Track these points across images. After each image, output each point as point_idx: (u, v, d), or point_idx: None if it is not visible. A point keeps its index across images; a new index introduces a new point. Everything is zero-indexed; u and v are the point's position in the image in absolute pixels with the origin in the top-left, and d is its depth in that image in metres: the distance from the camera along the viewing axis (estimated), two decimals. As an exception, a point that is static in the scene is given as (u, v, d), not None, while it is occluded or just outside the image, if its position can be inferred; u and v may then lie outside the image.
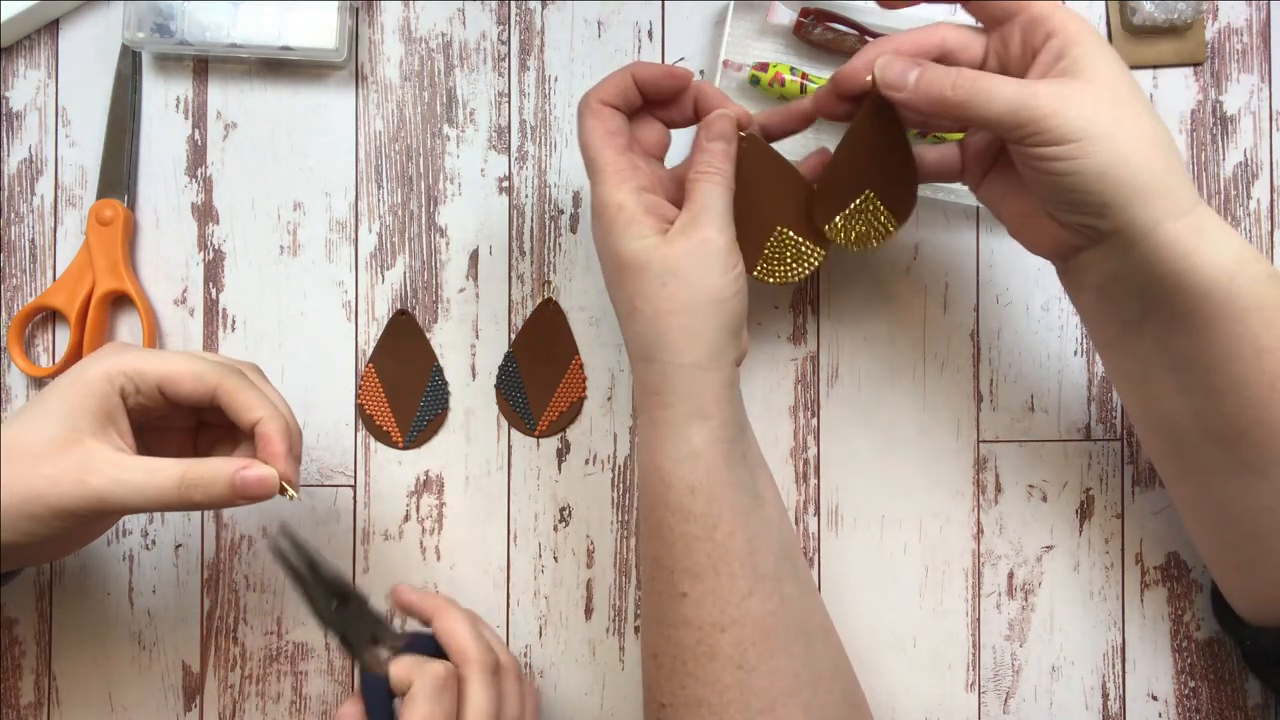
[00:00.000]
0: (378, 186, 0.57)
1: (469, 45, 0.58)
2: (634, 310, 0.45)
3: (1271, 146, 0.59)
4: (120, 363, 0.43)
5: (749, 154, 0.48)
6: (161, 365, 0.44)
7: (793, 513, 0.58)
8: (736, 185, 0.47)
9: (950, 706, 0.57)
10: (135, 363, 0.43)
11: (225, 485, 0.42)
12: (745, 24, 0.57)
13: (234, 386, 0.44)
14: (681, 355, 0.44)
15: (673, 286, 0.44)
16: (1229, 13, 0.59)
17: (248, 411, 0.44)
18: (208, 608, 0.56)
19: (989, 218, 0.59)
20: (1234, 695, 0.58)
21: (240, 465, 0.43)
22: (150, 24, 0.55)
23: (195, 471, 0.42)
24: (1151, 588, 0.58)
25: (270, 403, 0.45)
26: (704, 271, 0.44)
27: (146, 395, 0.44)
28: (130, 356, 0.44)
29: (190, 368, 0.44)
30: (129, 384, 0.43)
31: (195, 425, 0.49)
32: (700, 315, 0.44)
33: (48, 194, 0.57)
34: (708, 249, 0.44)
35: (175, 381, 0.44)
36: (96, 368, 0.43)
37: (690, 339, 0.44)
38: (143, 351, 0.45)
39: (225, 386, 0.44)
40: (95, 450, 0.42)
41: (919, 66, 0.43)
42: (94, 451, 0.42)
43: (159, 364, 0.44)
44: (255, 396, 0.45)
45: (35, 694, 0.56)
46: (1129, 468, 0.58)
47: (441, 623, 0.47)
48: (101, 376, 0.43)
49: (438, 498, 0.57)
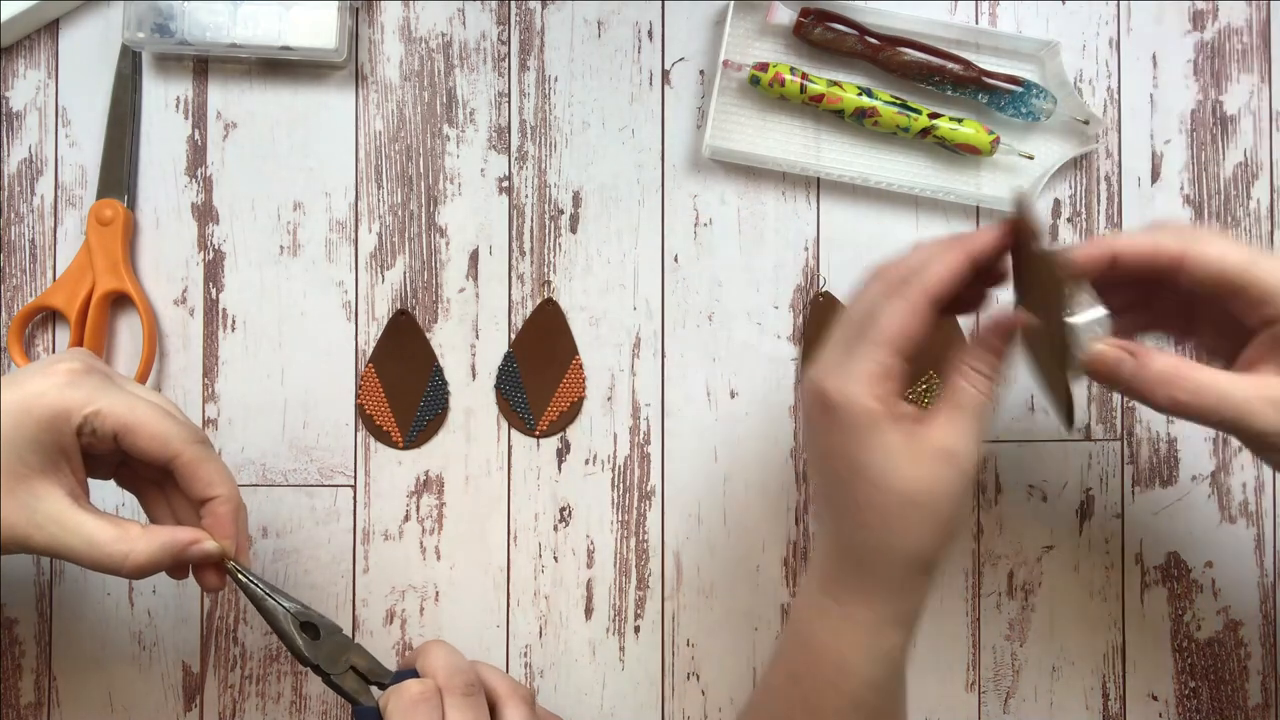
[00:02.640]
0: (378, 186, 0.57)
1: (469, 45, 0.58)
2: (862, 523, 0.41)
3: (1271, 146, 0.59)
4: (82, 400, 0.41)
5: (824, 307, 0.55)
6: (126, 414, 0.41)
7: (793, 513, 0.58)
8: None
9: (950, 706, 0.57)
10: (98, 404, 0.41)
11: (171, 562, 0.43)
12: (745, 24, 0.57)
13: (196, 458, 0.42)
14: (905, 571, 0.41)
15: (914, 513, 0.40)
16: (1229, 13, 0.59)
17: (207, 487, 0.43)
18: (208, 608, 0.56)
19: (989, 216, 0.59)
20: (1234, 695, 0.58)
21: (189, 541, 0.43)
22: (150, 24, 0.55)
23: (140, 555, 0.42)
24: (1151, 588, 0.58)
25: (229, 479, 0.44)
26: (949, 500, 0.41)
27: (100, 439, 0.41)
28: (95, 394, 0.41)
29: (153, 427, 0.42)
30: (86, 425, 0.41)
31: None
32: (937, 539, 0.41)
33: (48, 194, 0.57)
34: (961, 476, 0.41)
35: (133, 435, 0.41)
36: (55, 400, 0.40)
37: (920, 557, 0.41)
38: (108, 389, 0.42)
39: (186, 458, 0.42)
40: (43, 496, 0.40)
41: (1129, 356, 0.41)
42: (41, 497, 0.40)
43: (123, 412, 0.41)
44: (217, 472, 0.43)
45: (35, 694, 0.55)
46: (1129, 468, 0.58)
47: (422, 660, 0.45)
48: (60, 413, 0.40)
49: (438, 498, 0.57)
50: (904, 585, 0.42)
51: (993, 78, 0.57)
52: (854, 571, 0.42)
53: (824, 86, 0.56)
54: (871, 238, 0.58)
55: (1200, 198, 0.59)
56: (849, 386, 0.40)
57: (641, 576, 0.57)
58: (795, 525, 0.58)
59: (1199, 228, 0.41)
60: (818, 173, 0.57)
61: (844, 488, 0.41)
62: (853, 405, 0.40)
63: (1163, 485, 0.59)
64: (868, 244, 0.58)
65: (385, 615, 0.56)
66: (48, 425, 0.40)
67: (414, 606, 0.56)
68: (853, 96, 0.56)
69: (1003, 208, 0.58)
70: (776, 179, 0.58)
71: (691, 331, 0.58)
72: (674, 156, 0.58)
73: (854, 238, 0.58)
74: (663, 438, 0.57)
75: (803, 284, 0.58)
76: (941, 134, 0.56)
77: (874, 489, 0.40)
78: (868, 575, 0.42)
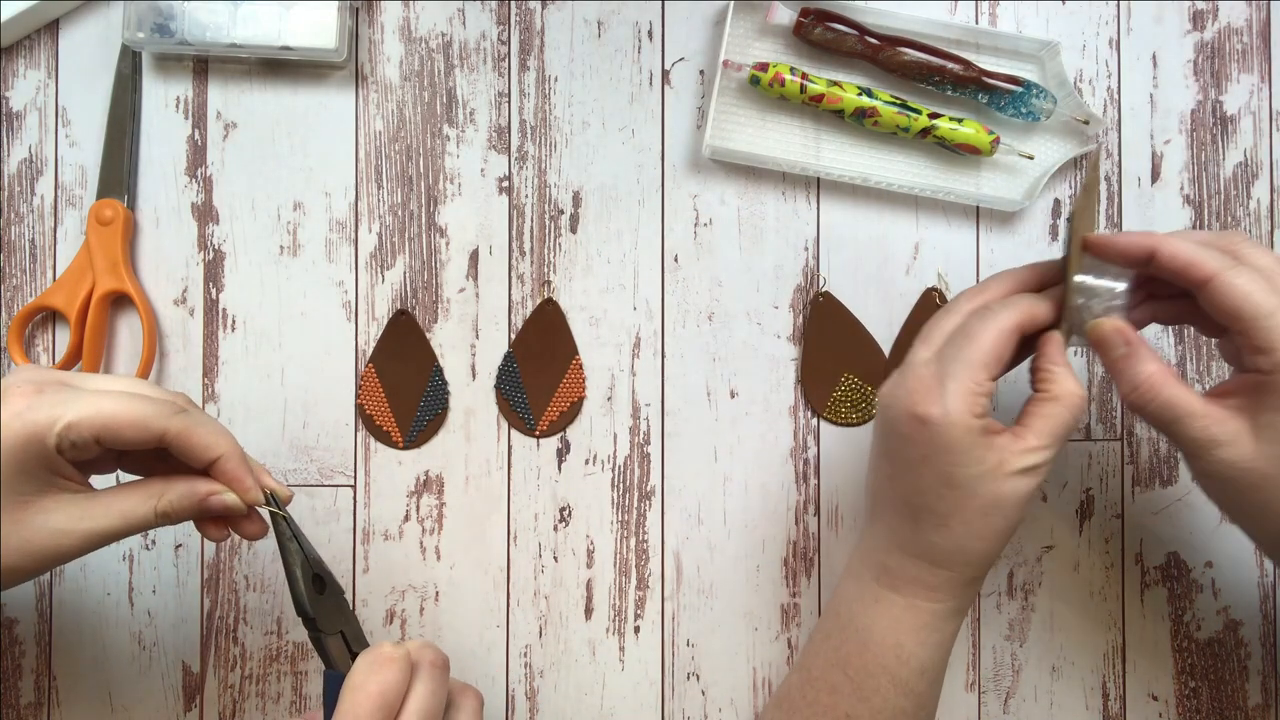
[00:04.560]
0: (378, 186, 0.57)
1: (469, 45, 0.58)
2: (944, 526, 0.45)
3: (1271, 146, 0.59)
4: (48, 419, 0.39)
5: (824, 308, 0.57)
6: (97, 415, 0.40)
7: (793, 513, 0.58)
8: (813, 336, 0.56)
9: (950, 706, 0.57)
10: (66, 416, 0.39)
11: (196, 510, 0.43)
12: (745, 24, 0.57)
13: (183, 429, 0.41)
14: (974, 569, 0.46)
15: (994, 519, 0.44)
16: (1229, 13, 0.59)
17: (205, 451, 0.42)
18: (208, 608, 0.56)
19: (989, 216, 0.59)
20: (1234, 695, 0.58)
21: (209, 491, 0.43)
22: (150, 24, 0.55)
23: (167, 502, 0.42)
24: (1151, 588, 0.58)
25: (226, 435, 0.43)
26: (1024, 506, 0.45)
27: (82, 448, 0.40)
28: (58, 408, 0.40)
29: (129, 416, 0.40)
30: (63, 441, 0.39)
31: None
32: (1004, 541, 0.46)
33: (48, 194, 0.57)
34: (1037, 488, 0.45)
35: (115, 431, 0.40)
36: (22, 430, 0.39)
37: (988, 557, 0.46)
38: (69, 396, 0.40)
39: (174, 433, 0.41)
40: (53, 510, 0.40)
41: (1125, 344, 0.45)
42: (52, 512, 0.40)
43: (93, 414, 0.40)
44: (210, 433, 0.42)
45: (35, 694, 0.55)
46: (1129, 468, 0.58)
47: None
48: (33, 439, 0.39)
49: (438, 498, 0.57)
50: (969, 581, 0.47)
51: (993, 78, 0.57)
52: (927, 568, 0.46)
53: (824, 86, 0.56)
54: (871, 238, 0.58)
55: (1200, 198, 0.59)
56: (950, 404, 0.43)
57: (641, 576, 0.57)
58: (795, 525, 0.58)
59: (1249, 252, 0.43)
60: (818, 173, 0.57)
61: (931, 496, 0.45)
62: (954, 423, 0.43)
63: (1163, 485, 0.59)
64: (868, 244, 0.58)
65: (385, 615, 0.56)
66: (26, 453, 0.39)
67: (414, 606, 0.56)
68: (853, 96, 0.56)
69: (1003, 208, 0.58)
70: (776, 179, 0.58)
71: (691, 331, 0.58)
72: (674, 156, 0.58)
73: (854, 238, 0.58)
74: (663, 438, 0.57)
75: (803, 284, 0.58)
76: (941, 134, 0.56)
77: (963, 498, 0.44)
78: (940, 572, 0.46)
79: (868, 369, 0.58)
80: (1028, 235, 0.59)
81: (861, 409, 0.58)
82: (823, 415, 0.57)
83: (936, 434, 0.43)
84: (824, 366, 0.57)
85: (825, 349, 0.57)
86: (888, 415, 0.46)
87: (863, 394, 0.58)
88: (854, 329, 0.58)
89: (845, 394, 0.57)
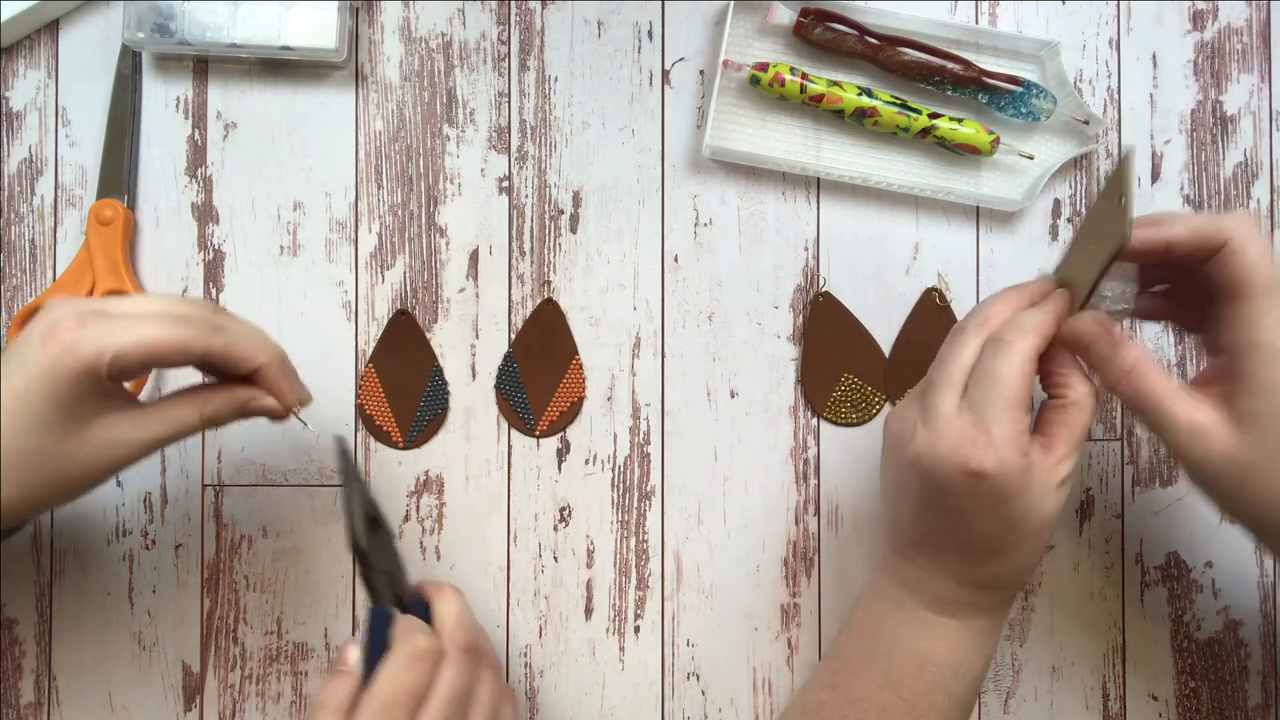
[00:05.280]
0: (378, 186, 0.57)
1: (469, 45, 0.58)
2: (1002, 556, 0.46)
3: (1271, 146, 0.59)
4: (95, 352, 0.41)
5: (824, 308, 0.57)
6: (141, 342, 0.41)
7: (793, 513, 0.58)
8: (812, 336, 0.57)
9: (950, 706, 0.57)
10: (112, 348, 0.41)
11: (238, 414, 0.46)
12: (745, 24, 0.57)
13: (223, 346, 0.43)
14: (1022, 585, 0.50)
15: (1045, 535, 0.46)
16: (1229, 13, 0.59)
17: (245, 364, 0.45)
18: (208, 608, 0.56)
19: (989, 216, 0.59)
20: (1234, 695, 0.58)
21: (249, 396, 0.46)
22: (150, 24, 0.55)
23: (212, 408, 0.45)
24: (1151, 588, 0.58)
25: (264, 343, 0.46)
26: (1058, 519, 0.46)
27: (130, 373, 0.42)
28: (104, 339, 0.41)
29: (173, 340, 0.42)
30: (113, 370, 0.41)
31: None
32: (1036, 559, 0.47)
33: (48, 194, 0.57)
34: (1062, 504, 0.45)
35: (159, 357, 0.42)
36: (74, 365, 0.41)
37: (1032, 570, 0.49)
38: (111, 326, 0.42)
39: (216, 350, 0.43)
40: (114, 424, 0.43)
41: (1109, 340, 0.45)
42: (114, 426, 0.43)
43: (138, 342, 0.41)
44: (248, 345, 0.44)
45: (35, 694, 0.55)
46: (1129, 468, 0.58)
47: (439, 604, 0.48)
48: (84, 372, 0.41)
49: (438, 498, 0.57)
50: (1016, 595, 0.50)
51: (993, 78, 0.57)
52: (983, 594, 0.48)
53: (824, 86, 0.56)
54: (871, 238, 0.58)
55: (1200, 198, 0.59)
56: (1003, 454, 0.43)
57: (641, 576, 0.57)
58: (795, 525, 0.58)
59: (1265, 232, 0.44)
60: (818, 173, 0.57)
61: (993, 538, 0.46)
62: (1009, 470, 0.43)
63: (1163, 485, 0.59)
64: (868, 244, 0.58)
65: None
66: (81, 383, 0.41)
67: (414, 606, 0.56)
68: (853, 96, 0.56)
69: (1003, 208, 0.58)
70: (776, 179, 0.58)
71: (691, 331, 0.58)
72: (674, 156, 0.58)
73: (854, 238, 0.58)
74: (663, 438, 0.57)
75: (803, 284, 0.58)
76: (941, 134, 0.56)
77: (1023, 529, 0.45)
78: (995, 594, 0.48)
79: (868, 369, 0.58)
80: (1028, 235, 0.59)
81: (861, 409, 0.58)
82: (823, 415, 0.57)
83: (994, 485, 0.44)
84: (824, 366, 0.57)
85: (825, 349, 0.57)
86: (936, 474, 0.45)
87: (863, 394, 0.58)
88: (854, 329, 0.58)
89: (845, 394, 0.57)
